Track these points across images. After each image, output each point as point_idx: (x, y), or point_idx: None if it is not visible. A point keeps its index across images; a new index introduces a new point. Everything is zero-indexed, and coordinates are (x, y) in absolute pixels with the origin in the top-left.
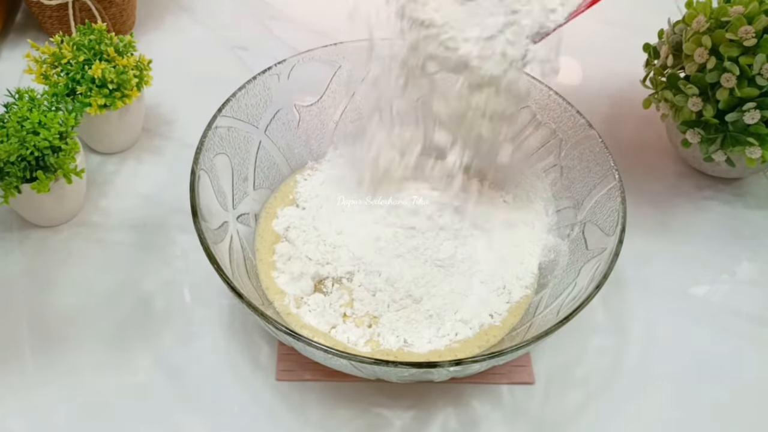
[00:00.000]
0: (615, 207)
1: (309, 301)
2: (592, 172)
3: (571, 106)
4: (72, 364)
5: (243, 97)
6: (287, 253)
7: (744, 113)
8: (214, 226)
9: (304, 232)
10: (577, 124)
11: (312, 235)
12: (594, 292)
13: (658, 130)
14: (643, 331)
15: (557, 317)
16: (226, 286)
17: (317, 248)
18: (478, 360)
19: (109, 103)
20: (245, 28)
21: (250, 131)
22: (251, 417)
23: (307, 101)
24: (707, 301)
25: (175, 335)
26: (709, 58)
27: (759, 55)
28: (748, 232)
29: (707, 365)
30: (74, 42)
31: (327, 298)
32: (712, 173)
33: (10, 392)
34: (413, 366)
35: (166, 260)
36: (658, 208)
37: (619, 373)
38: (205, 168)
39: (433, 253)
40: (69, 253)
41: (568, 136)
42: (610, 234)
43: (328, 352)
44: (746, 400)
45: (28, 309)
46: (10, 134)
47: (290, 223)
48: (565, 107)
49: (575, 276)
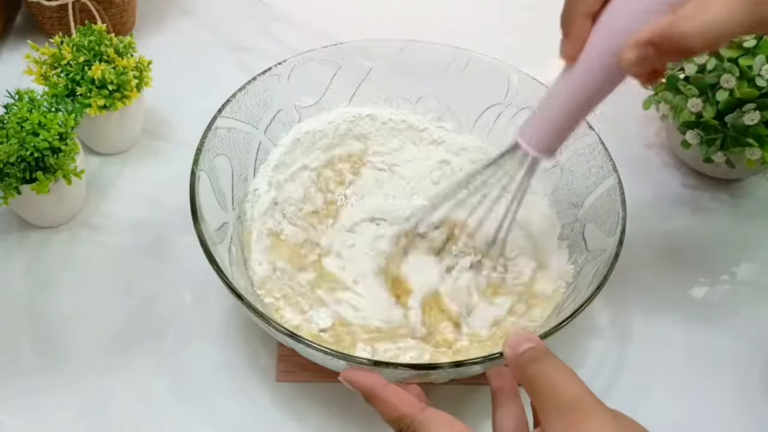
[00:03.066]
0: (615, 208)
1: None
2: (592, 174)
3: None
4: (72, 365)
5: (243, 98)
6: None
7: (744, 114)
8: (213, 227)
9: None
10: None
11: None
12: (594, 293)
13: (658, 131)
14: (642, 332)
15: (557, 319)
16: (226, 287)
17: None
18: (478, 362)
19: (108, 104)
20: (245, 30)
21: (250, 132)
22: (251, 418)
23: (307, 102)
24: (707, 302)
25: (176, 336)
26: (708, 59)
27: (759, 56)
28: (747, 234)
29: (708, 366)
30: (74, 43)
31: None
32: (712, 174)
33: (10, 393)
34: (413, 368)
35: (165, 261)
36: (658, 209)
37: (619, 374)
38: (205, 169)
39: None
40: (69, 254)
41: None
42: (611, 235)
43: (327, 353)
44: (747, 401)
45: (27, 310)
46: (10, 135)
47: None
48: None
49: (575, 277)
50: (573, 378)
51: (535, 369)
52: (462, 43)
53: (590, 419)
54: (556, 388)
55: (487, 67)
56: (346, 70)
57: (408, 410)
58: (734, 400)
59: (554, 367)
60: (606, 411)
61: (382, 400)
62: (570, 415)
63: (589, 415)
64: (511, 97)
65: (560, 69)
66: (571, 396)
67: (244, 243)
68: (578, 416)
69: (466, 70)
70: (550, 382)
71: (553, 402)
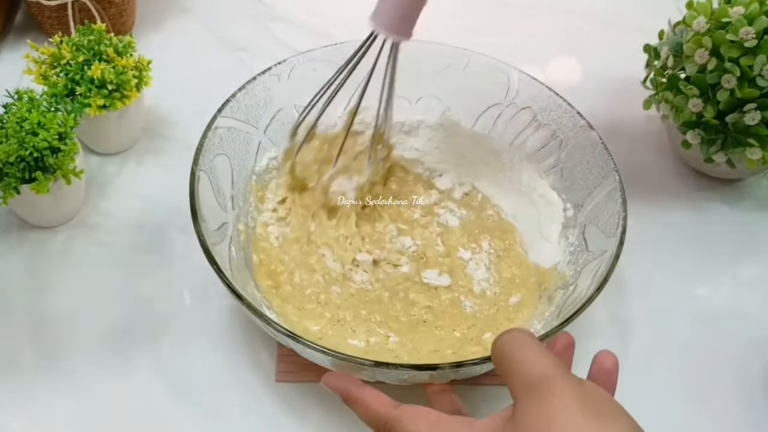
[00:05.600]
0: (616, 208)
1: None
2: (592, 174)
3: (571, 107)
4: (71, 365)
5: (243, 98)
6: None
7: (744, 114)
8: (213, 227)
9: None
10: (577, 125)
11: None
12: (595, 294)
13: (658, 131)
14: (643, 333)
15: (558, 319)
16: (227, 288)
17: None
18: (479, 362)
19: (108, 104)
20: (245, 29)
21: (250, 132)
22: (251, 418)
23: (306, 102)
24: (708, 302)
25: (175, 336)
26: (709, 59)
27: (759, 56)
28: (748, 234)
29: (707, 367)
30: (73, 42)
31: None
32: (713, 174)
33: (9, 393)
34: (414, 368)
35: (165, 261)
36: (659, 209)
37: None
38: (205, 169)
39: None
40: (68, 254)
41: (569, 137)
42: (611, 235)
43: (327, 353)
44: (746, 401)
45: (26, 310)
46: (9, 135)
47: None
48: (566, 108)
49: (576, 278)
50: (544, 356)
51: (507, 349)
52: (462, 42)
53: (553, 396)
54: (524, 366)
55: (487, 67)
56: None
57: (383, 409)
58: (734, 400)
59: (526, 346)
60: (572, 384)
61: (359, 401)
62: (533, 392)
63: (552, 391)
64: (511, 97)
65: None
66: (538, 374)
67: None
68: (542, 393)
69: (467, 69)
70: (519, 361)
71: (520, 380)
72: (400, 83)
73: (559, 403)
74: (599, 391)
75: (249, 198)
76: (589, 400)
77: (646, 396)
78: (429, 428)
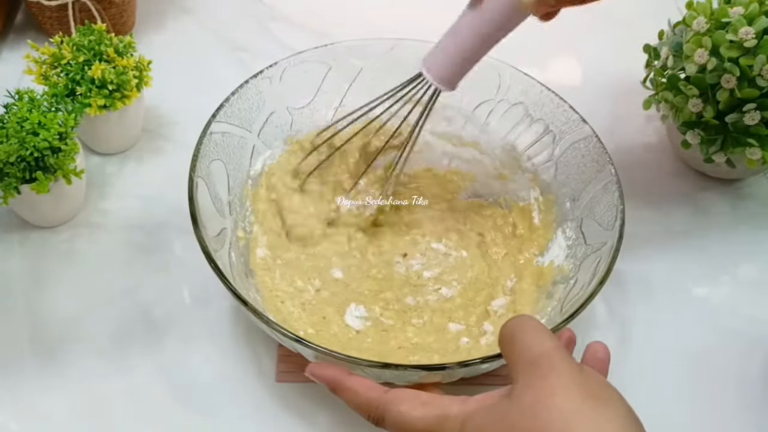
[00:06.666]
0: (613, 201)
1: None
2: (587, 167)
3: (563, 101)
4: (71, 366)
5: (236, 102)
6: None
7: (744, 114)
8: (213, 234)
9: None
10: (570, 119)
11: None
12: (598, 287)
13: (658, 131)
14: (643, 332)
15: (562, 315)
16: (231, 293)
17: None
18: (486, 360)
19: (108, 104)
20: (245, 30)
21: (244, 136)
22: (251, 419)
23: (299, 103)
24: (708, 301)
25: (175, 336)
26: (709, 59)
27: (759, 56)
28: (748, 233)
29: (708, 366)
30: (74, 43)
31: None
32: (713, 174)
33: (9, 394)
34: (422, 368)
35: (165, 261)
36: (659, 209)
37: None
38: (202, 175)
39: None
40: (68, 254)
41: (562, 131)
42: (609, 228)
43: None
44: (747, 401)
45: (27, 310)
46: (10, 135)
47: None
48: (558, 103)
49: (576, 271)
50: (548, 338)
51: (513, 330)
52: None
53: (552, 374)
54: (528, 344)
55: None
56: (338, 71)
57: (373, 393)
58: (734, 400)
59: (532, 328)
60: (571, 366)
61: (347, 389)
62: (534, 369)
63: (552, 369)
64: (502, 93)
65: (464, 6)
66: (539, 351)
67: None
68: (542, 370)
69: None
70: (524, 340)
71: (522, 357)
72: (392, 82)
73: (557, 380)
74: (597, 376)
75: (245, 203)
76: (588, 381)
77: (645, 395)
78: (422, 407)
